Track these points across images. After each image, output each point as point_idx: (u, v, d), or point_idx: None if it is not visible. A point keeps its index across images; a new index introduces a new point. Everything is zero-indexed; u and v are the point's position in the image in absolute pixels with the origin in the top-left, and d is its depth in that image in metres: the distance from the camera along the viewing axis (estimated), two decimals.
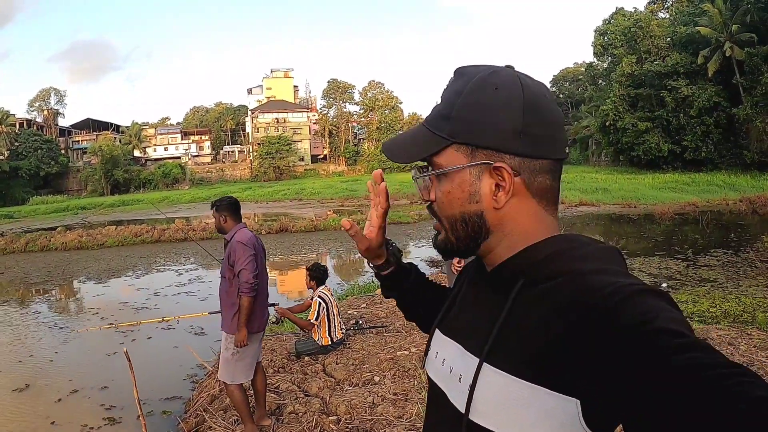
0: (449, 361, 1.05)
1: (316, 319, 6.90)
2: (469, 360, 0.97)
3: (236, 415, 5.11)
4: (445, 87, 1.04)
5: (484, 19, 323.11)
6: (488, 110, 0.95)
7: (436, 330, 1.15)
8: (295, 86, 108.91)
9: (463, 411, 0.93)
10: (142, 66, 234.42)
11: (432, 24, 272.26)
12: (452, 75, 1.04)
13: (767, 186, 35.63)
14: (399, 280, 1.41)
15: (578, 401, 0.79)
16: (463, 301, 1.12)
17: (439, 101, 1.04)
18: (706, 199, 32.30)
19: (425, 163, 1.04)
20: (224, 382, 4.83)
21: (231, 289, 4.75)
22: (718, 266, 13.06)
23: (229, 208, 4.96)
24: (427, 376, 1.15)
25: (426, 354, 1.16)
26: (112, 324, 10.17)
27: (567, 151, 1.01)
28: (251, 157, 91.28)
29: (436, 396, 1.08)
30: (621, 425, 0.76)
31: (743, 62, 45.59)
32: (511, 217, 0.98)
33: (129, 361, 4.72)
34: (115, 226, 27.88)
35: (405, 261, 1.43)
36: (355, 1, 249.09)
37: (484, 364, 0.92)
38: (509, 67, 1.01)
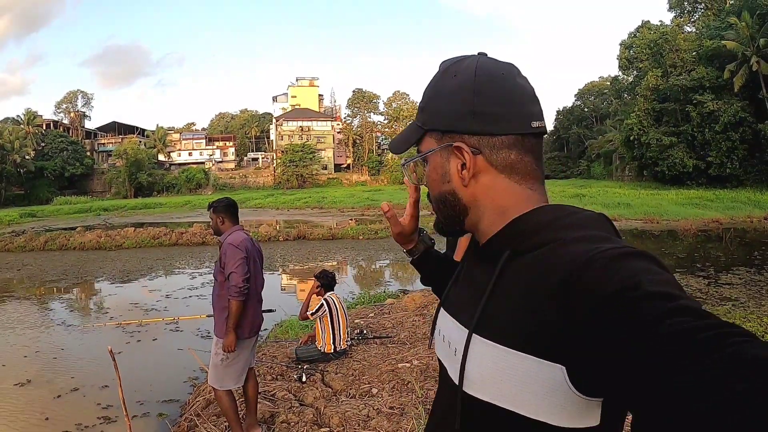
0: (447, 337, 1.09)
1: (313, 315, 6.83)
2: (461, 332, 1.00)
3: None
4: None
5: (511, 32, 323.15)
6: (445, 96, 1.04)
7: (441, 309, 1.19)
8: (320, 95, 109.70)
9: (457, 383, 0.96)
10: (173, 72, 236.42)
11: (459, 35, 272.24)
12: (438, 70, 1.10)
13: None
14: (424, 264, 1.56)
15: (563, 368, 0.79)
16: (462, 278, 1.16)
17: None
18: (730, 216, 31.74)
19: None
20: (213, 387, 4.72)
21: (222, 292, 4.64)
22: (740, 285, 12.73)
23: (227, 209, 4.87)
24: (437, 356, 1.17)
25: (432, 333, 1.22)
26: (118, 323, 10.15)
27: (536, 124, 1.02)
28: (275, 165, 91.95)
29: (442, 374, 1.11)
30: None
31: None
32: (482, 194, 1.03)
33: (114, 360, 4.64)
34: (133, 228, 28.01)
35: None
36: (383, 12, 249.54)
37: (473, 335, 0.95)
38: (481, 54, 1.06)
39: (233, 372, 4.65)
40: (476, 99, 0.99)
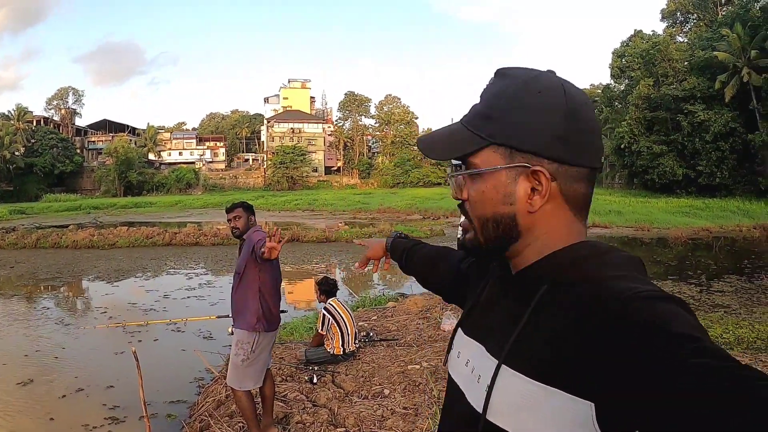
0: (471, 362, 1.06)
1: (322, 329, 6.87)
2: (488, 361, 0.99)
3: (242, 422, 5.04)
4: (485, 87, 1.05)
5: (502, 39, 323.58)
6: (530, 114, 0.96)
7: (459, 329, 1.17)
8: (311, 97, 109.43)
9: (480, 411, 0.95)
10: (167, 71, 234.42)
11: (450, 40, 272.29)
12: (493, 76, 1.05)
13: None
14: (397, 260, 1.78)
15: (592, 404, 0.79)
16: (486, 302, 1.13)
17: (479, 101, 1.04)
18: (719, 225, 32.07)
19: (459, 162, 1.05)
20: (232, 388, 4.75)
21: (248, 285, 4.68)
22: (731, 292, 12.90)
23: (245, 209, 4.97)
24: (448, 374, 1.16)
25: (448, 352, 1.19)
26: (120, 323, 10.14)
27: (603, 159, 0.98)
28: (265, 166, 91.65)
29: (454, 395, 1.10)
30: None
31: (761, 88, 45.47)
32: (543, 222, 0.98)
33: (137, 360, 4.66)
34: (126, 227, 27.98)
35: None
36: (375, 16, 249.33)
37: (503, 366, 0.93)
38: (551, 72, 1.02)
39: (253, 372, 4.69)
40: (568, 124, 0.95)
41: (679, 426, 0.66)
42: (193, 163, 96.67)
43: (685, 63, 53.79)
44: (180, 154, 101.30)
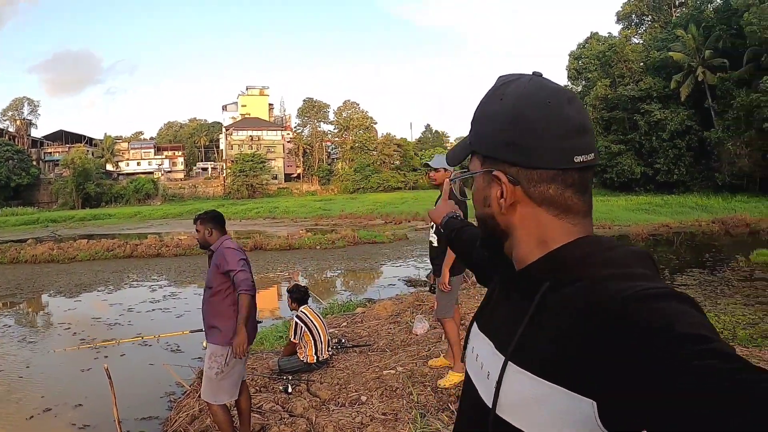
0: (481, 357, 1.09)
1: (295, 337, 6.78)
2: (496, 358, 1.01)
3: None
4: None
5: (460, 43, 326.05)
6: (486, 121, 1.04)
7: (474, 325, 1.20)
8: (270, 104, 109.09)
9: (490, 406, 0.97)
10: (124, 80, 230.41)
11: (408, 45, 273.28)
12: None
13: (738, 207, 36.17)
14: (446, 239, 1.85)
15: (594, 402, 0.80)
16: (496, 298, 1.15)
17: None
18: (679, 221, 32.66)
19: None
20: (207, 402, 4.64)
21: (219, 299, 4.57)
22: (695, 285, 13.13)
23: (215, 220, 4.84)
24: (465, 369, 1.19)
25: (464, 348, 1.21)
26: (90, 344, 9.80)
27: (580, 159, 0.98)
28: (224, 175, 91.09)
29: (469, 390, 1.12)
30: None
31: (715, 87, 47.00)
32: (519, 223, 1.02)
33: (110, 378, 4.52)
34: (86, 240, 27.38)
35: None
36: (333, 22, 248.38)
37: (509, 363, 0.95)
38: (536, 74, 1.03)
39: (228, 385, 4.58)
40: (512, 129, 0.98)
41: (681, 426, 0.66)
42: (151, 173, 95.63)
43: (641, 64, 55.18)
44: (138, 164, 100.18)
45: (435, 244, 5.97)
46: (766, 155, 40.98)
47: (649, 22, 65.85)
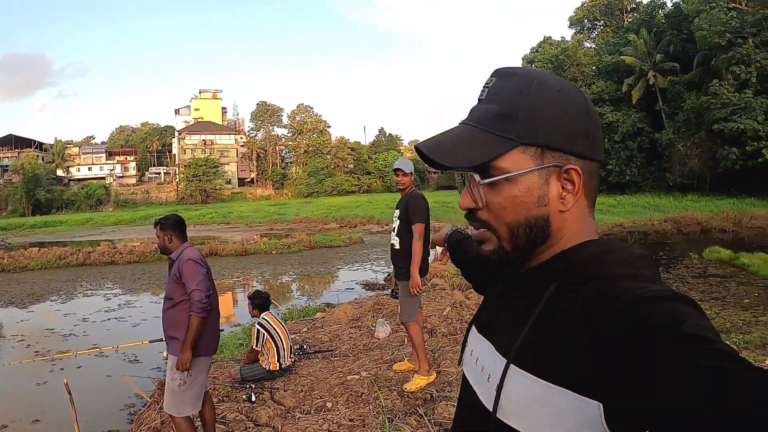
0: (481, 360, 1.06)
1: (257, 345, 6.67)
2: (497, 360, 0.98)
3: None
4: (489, 88, 1.00)
5: (416, 46, 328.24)
6: (558, 112, 0.95)
7: (472, 327, 1.17)
8: (223, 108, 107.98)
9: (491, 410, 0.95)
10: (76, 83, 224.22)
11: (362, 48, 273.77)
12: (494, 77, 1.01)
13: (690, 206, 37.17)
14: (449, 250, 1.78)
15: (601, 404, 0.78)
16: (497, 300, 1.13)
17: (486, 101, 1.00)
18: (632, 220, 33.39)
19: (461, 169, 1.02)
20: (170, 415, 4.48)
21: (179, 310, 4.42)
22: None
23: (175, 226, 4.67)
24: (462, 372, 1.16)
25: (462, 350, 1.19)
26: (45, 356, 9.45)
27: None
28: (177, 180, 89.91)
29: (467, 393, 1.09)
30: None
31: (666, 90, 48.42)
32: (570, 220, 0.98)
33: (69, 394, 4.36)
34: (37, 248, 26.59)
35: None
36: (288, 25, 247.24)
37: (511, 365, 0.93)
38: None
39: (191, 397, 4.45)
40: (588, 120, 0.97)
41: (688, 427, 0.65)
42: (103, 178, 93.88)
43: (593, 67, 56.38)
44: (89, 169, 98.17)
45: (397, 247, 5.92)
46: (715, 156, 42.08)
47: (602, 27, 67.17)
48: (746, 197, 38.56)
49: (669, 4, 55.26)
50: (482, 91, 1.02)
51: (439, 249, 1.89)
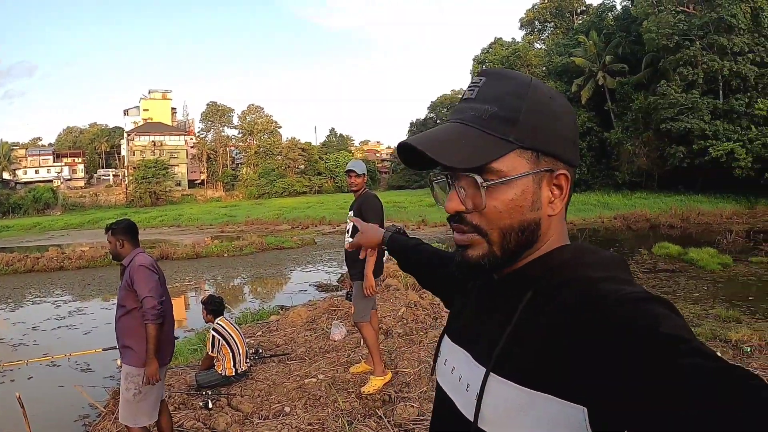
0: (458, 370, 1.05)
1: (213, 351, 6.61)
2: (476, 369, 0.98)
3: None
4: (480, 87, 0.98)
5: (369, 47, 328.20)
6: (555, 118, 0.96)
7: (445, 336, 1.16)
8: (173, 108, 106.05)
9: (471, 419, 0.94)
10: (22, 82, 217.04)
11: (312, 48, 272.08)
12: (482, 76, 1.00)
13: (638, 204, 38.17)
14: (394, 253, 1.71)
15: (585, 408, 0.79)
16: (472, 308, 1.11)
17: (478, 101, 0.96)
18: (582, 218, 34.07)
19: (439, 169, 1.01)
20: (126, 426, 4.42)
21: (132, 318, 4.35)
22: None
23: (126, 231, 4.59)
24: (436, 382, 1.14)
25: (435, 360, 1.17)
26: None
27: None
28: (126, 182, 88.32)
29: (443, 403, 1.08)
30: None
31: (614, 90, 49.76)
32: (553, 225, 0.99)
33: (23, 407, 4.25)
34: None
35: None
36: (239, 25, 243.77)
37: (491, 374, 0.92)
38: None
39: (147, 406, 4.40)
40: (575, 127, 1.01)
41: (672, 426, 0.67)
42: (50, 181, 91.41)
43: (544, 68, 57.53)
44: (36, 172, 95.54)
45: None
46: (663, 154, 43.24)
47: (552, 29, 68.45)
48: (693, 194, 39.86)
49: (618, 7, 57.05)
50: (470, 89, 0.99)
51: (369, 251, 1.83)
